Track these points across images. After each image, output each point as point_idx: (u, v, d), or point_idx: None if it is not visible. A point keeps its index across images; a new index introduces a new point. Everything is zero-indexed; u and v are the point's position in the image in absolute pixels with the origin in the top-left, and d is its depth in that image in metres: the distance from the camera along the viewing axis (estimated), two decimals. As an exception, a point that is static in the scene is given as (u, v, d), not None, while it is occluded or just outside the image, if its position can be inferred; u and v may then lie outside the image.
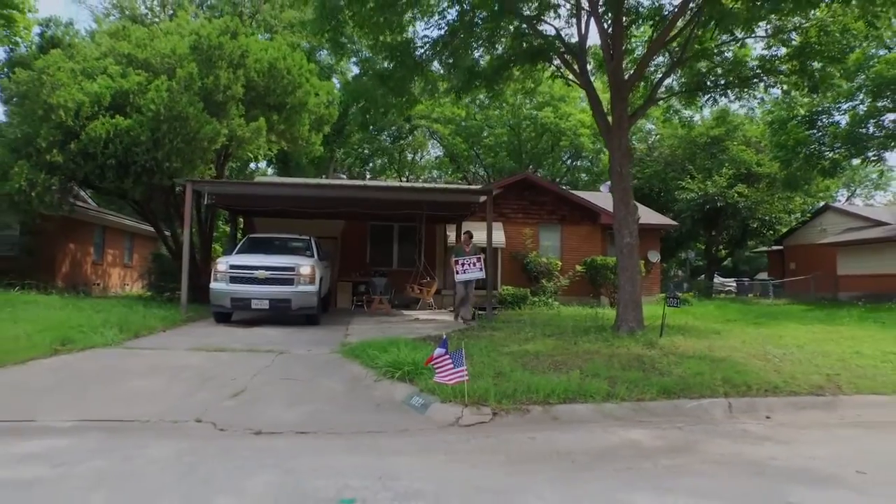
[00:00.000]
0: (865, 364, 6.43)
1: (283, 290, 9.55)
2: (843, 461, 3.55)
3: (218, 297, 9.64)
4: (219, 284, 9.68)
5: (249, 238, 11.84)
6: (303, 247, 11.47)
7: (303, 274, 9.68)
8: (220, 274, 9.74)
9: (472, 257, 10.17)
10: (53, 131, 10.54)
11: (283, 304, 9.58)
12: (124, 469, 3.15)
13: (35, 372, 5.43)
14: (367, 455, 3.58)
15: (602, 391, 4.95)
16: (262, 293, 9.49)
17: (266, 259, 9.99)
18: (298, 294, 9.58)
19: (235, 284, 9.59)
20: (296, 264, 9.78)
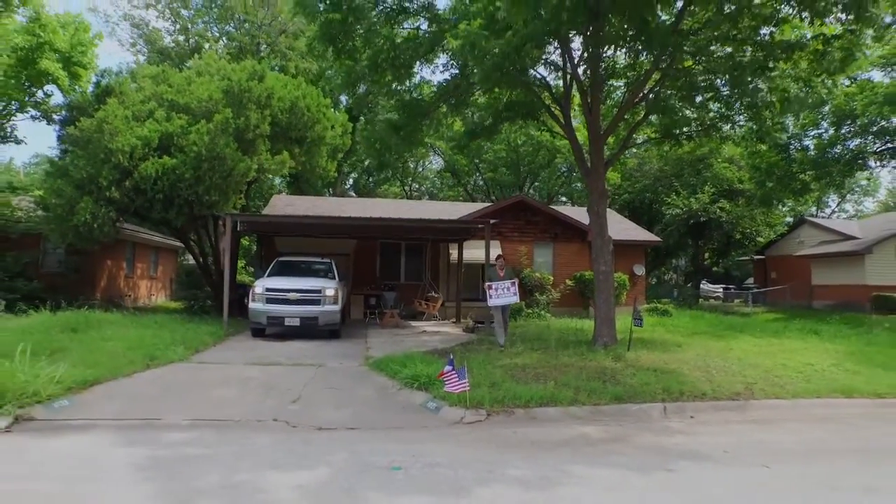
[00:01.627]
0: (783, 374, 8.11)
1: (311, 309, 11.21)
2: (720, 446, 5.24)
3: (256, 315, 11.23)
4: (257, 304, 11.25)
5: (279, 261, 13.39)
6: (325, 269, 13.19)
7: (328, 295, 11.33)
8: (257, 295, 11.30)
9: (506, 282, 9.69)
10: (112, 171, 12.26)
11: (311, 321, 11.19)
12: (247, 450, 4.84)
13: (141, 383, 7.11)
14: (401, 443, 5.26)
15: (568, 398, 6.64)
16: (294, 312, 11.16)
17: (296, 282, 11.58)
18: (325, 312, 11.22)
19: (271, 305, 11.20)
20: (322, 287, 11.40)
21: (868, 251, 20.58)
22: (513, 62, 6.78)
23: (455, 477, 4.26)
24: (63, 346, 8.16)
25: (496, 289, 9.60)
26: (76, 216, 12.04)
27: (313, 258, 13.83)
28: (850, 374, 8.24)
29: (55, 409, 5.87)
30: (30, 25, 11.28)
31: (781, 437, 5.70)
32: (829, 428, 6.12)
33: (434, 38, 9.34)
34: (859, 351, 10.00)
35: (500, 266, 10.22)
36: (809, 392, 7.31)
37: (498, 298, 9.59)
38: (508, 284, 9.55)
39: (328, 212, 21.61)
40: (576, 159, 10.62)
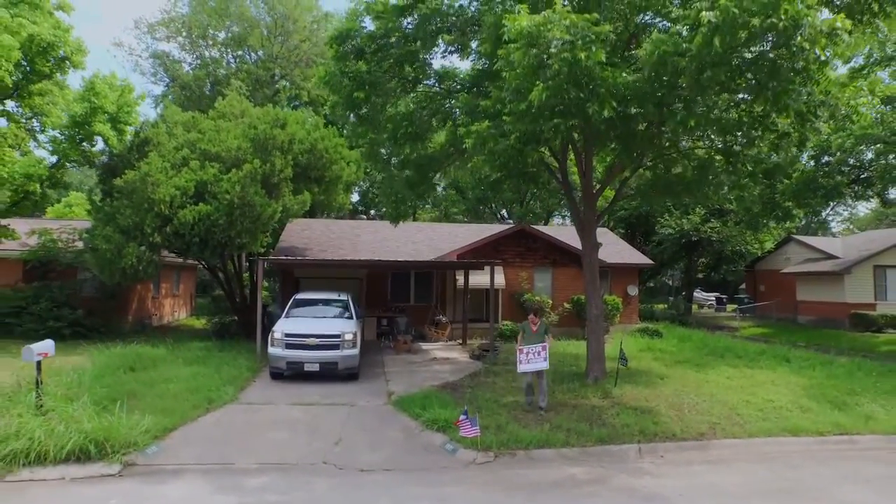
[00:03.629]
0: (744, 413, 9.54)
1: (331, 354, 11.37)
2: (678, 489, 6.66)
3: (275, 361, 11.37)
4: (276, 350, 11.37)
5: (296, 299, 13.62)
6: (342, 307, 13.45)
7: (347, 339, 11.52)
8: (276, 340, 11.41)
9: (537, 346, 9.05)
10: (155, 219, 13.70)
11: (330, 366, 11.36)
12: (313, 496, 6.27)
13: (207, 427, 8.54)
14: (428, 486, 6.68)
15: (561, 440, 8.07)
16: (313, 358, 11.31)
17: (314, 325, 11.80)
18: (344, 357, 11.43)
19: (290, 350, 11.30)
20: (341, 331, 11.55)
21: (847, 271, 22.00)
22: (516, 161, 8.15)
23: (474, 520, 5.71)
24: (133, 391, 9.60)
25: (527, 353, 9.03)
26: (124, 259, 13.48)
27: (330, 295, 14.05)
28: (802, 411, 9.67)
29: (149, 455, 7.30)
30: (85, 94, 12.70)
31: (729, 478, 7.12)
32: (772, 467, 7.54)
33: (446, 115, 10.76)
34: (818, 385, 11.41)
35: (532, 321, 9.62)
36: (763, 431, 8.73)
37: (528, 364, 9.03)
38: (539, 349, 8.96)
39: (342, 235, 23.11)
40: (571, 215, 12.01)
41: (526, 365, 9.16)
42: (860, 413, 9.48)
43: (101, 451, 6.95)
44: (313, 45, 25.67)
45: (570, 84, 6.91)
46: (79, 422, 7.08)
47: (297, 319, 12.34)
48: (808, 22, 5.63)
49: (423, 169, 12.34)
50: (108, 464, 6.86)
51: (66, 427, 6.90)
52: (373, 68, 10.58)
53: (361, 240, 22.89)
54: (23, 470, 6.50)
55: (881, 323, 21.03)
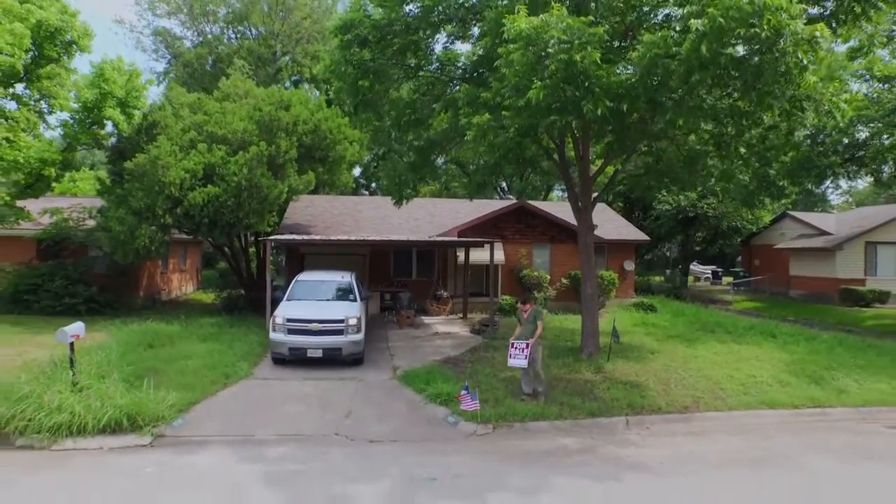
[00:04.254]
0: (727, 387, 10.19)
1: (334, 339, 10.97)
2: (660, 458, 7.32)
3: (277, 346, 11.00)
4: (278, 335, 10.97)
5: (297, 281, 13.17)
6: (346, 289, 12.92)
7: (351, 325, 11.10)
8: (278, 325, 11.00)
9: (522, 342, 9.10)
10: (166, 201, 14.16)
11: (334, 352, 10.97)
12: (329, 465, 6.92)
13: (226, 401, 9.19)
14: (433, 455, 7.34)
15: (554, 413, 8.72)
16: (317, 343, 10.89)
17: (318, 310, 11.39)
18: (348, 343, 11.04)
19: (293, 336, 10.89)
20: (345, 316, 11.12)
21: (839, 248, 22.52)
22: (515, 152, 8.58)
23: (474, 486, 6.35)
24: (155, 367, 10.23)
25: (516, 348, 9.09)
26: (137, 240, 14.00)
27: (333, 276, 13.48)
28: (781, 385, 10.33)
29: (175, 427, 7.96)
30: (95, 80, 12.99)
31: (708, 448, 7.78)
32: (748, 438, 8.20)
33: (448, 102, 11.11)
34: (800, 360, 12.05)
35: (523, 309, 9.78)
36: (743, 405, 9.39)
37: (513, 359, 9.10)
38: (523, 346, 9.01)
39: (344, 211, 23.56)
40: (569, 198, 12.45)
41: (512, 360, 9.13)
42: (834, 387, 10.13)
43: (133, 423, 7.60)
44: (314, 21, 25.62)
45: (566, 83, 7.31)
46: (112, 397, 7.71)
47: (299, 303, 11.98)
48: (790, 31, 6.02)
49: (424, 152, 12.74)
50: (139, 435, 7.51)
51: (101, 402, 7.53)
52: (376, 56, 10.90)
53: (363, 216, 23.35)
54: (66, 440, 7.16)
55: (869, 298, 21.67)
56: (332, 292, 12.80)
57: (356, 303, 12.28)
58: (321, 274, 13.87)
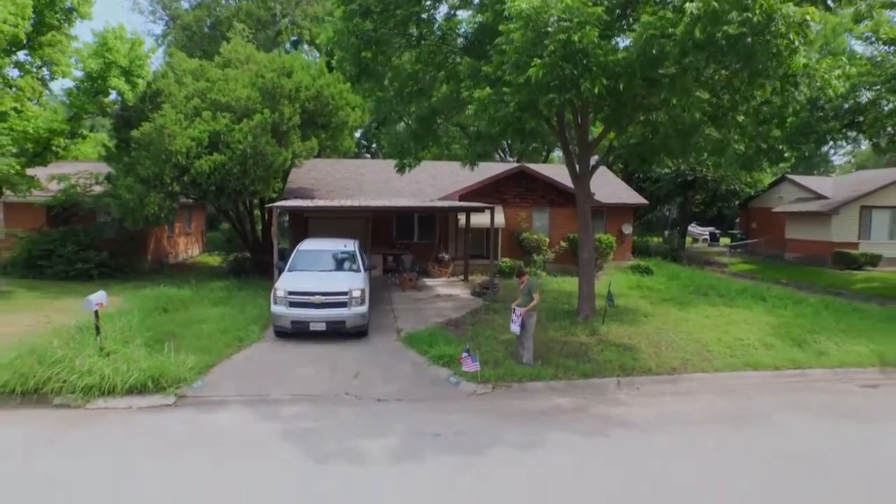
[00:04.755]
0: (715, 349, 10.75)
1: (338, 312, 10.71)
2: (647, 416, 7.91)
3: (279, 320, 10.76)
4: (279, 308, 10.73)
5: (299, 251, 12.82)
6: (349, 258, 12.63)
7: (354, 297, 10.87)
8: (279, 298, 10.73)
9: (518, 310, 9.50)
10: (173, 169, 14.44)
11: (338, 325, 10.74)
12: (341, 422, 7.51)
13: (241, 363, 9.76)
14: (436, 413, 7.92)
15: (550, 374, 9.30)
16: (320, 316, 10.64)
17: (320, 281, 11.12)
18: (352, 315, 10.79)
19: (295, 308, 10.65)
20: (348, 288, 10.88)
21: (835, 212, 22.83)
22: (515, 125, 8.85)
23: (474, 441, 6.94)
24: (172, 331, 10.78)
25: (515, 311, 9.56)
26: (146, 208, 14.37)
27: (336, 245, 13.19)
28: (766, 348, 10.88)
29: (196, 388, 8.53)
30: (99, 49, 13.05)
31: (693, 407, 8.37)
32: (730, 398, 8.78)
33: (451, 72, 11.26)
34: (786, 324, 12.58)
35: (520, 281, 10.04)
36: (728, 367, 9.96)
37: (512, 324, 9.67)
38: (520, 312, 9.44)
39: (347, 175, 23.79)
40: (567, 166, 12.73)
41: (511, 324, 9.69)
42: (815, 349, 10.68)
43: (158, 385, 8.18)
44: (313, -18, 25.33)
45: (564, 61, 7.54)
46: (137, 361, 8.26)
47: (302, 274, 11.69)
48: (781, 14, 6.21)
49: (426, 121, 12.95)
50: (164, 396, 8.09)
51: (127, 366, 8.08)
52: (378, 27, 10.99)
53: (366, 179, 23.59)
54: (97, 400, 7.74)
55: (861, 261, 22.12)
56: (335, 262, 12.52)
57: (360, 273, 12.04)
58: (323, 243, 13.53)
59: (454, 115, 13.01)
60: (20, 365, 7.73)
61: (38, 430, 6.85)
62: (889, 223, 23.17)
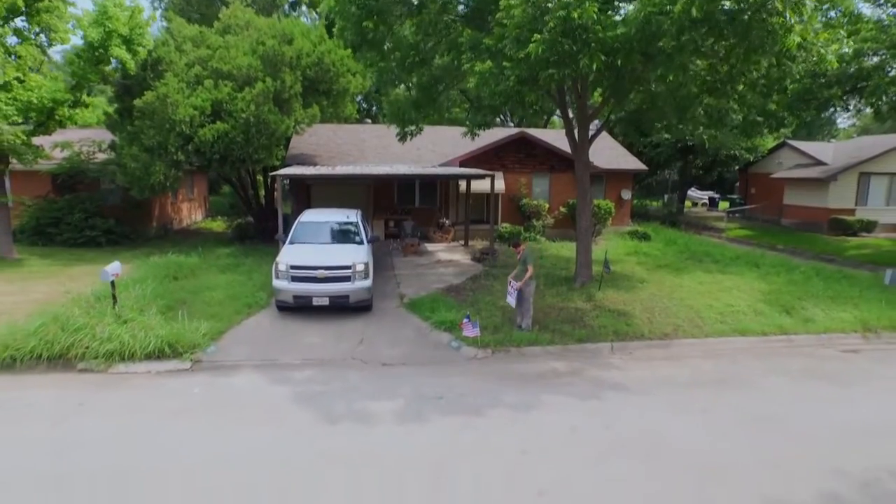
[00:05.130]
0: (706, 315, 11.17)
1: (341, 287, 10.50)
2: (638, 379, 8.37)
3: (281, 294, 10.55)
4: (281, 283, 10.50)
5: (300, 223, 12.44)
6: (352, 230, 12.33)
7: (358, 270, 10.64)
8: (281, 273, 10.49)
9: (515, 283, 9.94)
10: (177, 138, 14.59)
11: (341, 300, 10.52)
12: (349, 385, 7.98)
13: (250, 329, 10.18)
14: (439, 377, 8.39)
15: (547, 339, 9.74)
16: (323, 291, 10.41)
17: (323, 255, 10.87)
18: (356, 290, 10.59)
19: (297, 283, 10.41)
20: (352, 261, 10.62)
21: (833, 178, 22.97)
22: (515, 98, 9.00)
23: (475, 403, 7.41)
24: (183, 299, 11.19)
25: (511, 286, 10.03)
26: (152, 177, 14.60)
27: (338, 217, 12.87)
28: (755, 314, 11.29)
29: (209, 353, 8.98)
30: (99, 17, 12.98)
31: (681, 371, 8.83)
32: (717, 362, 9.24)
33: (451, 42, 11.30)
34: (776, 290, 12.98)
35: (517, 252, 10.51)
36: (718, 332, 10.40)
37: (508, 296, 10.26)
38: (513, 287, 9.94)
39: (348, 140, 23.85)
40: (567, 135, 12.90)
41: (507, 297, 10.29)
42: (803, 316, 11.10)
43: (174, 350, 8.63)
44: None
45: (564, 37, 7.67)
46: (153, 328, 8.69)
47: (303, 247, 11.43)
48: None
49: (428, 90, 13.03)
50: (180, 361, 8.55)
51: (144, 333, 8.51)
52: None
53: (367, 145, 23.66)
54: (118, 365, 8.20)
55: (856, 227, 22.41)
56: (338, 234, 12.24)
57: (363, 245, 11.75)
58: (325, 214, 13.19)
59: (455, 84, 13.06)
60: (45, 332, 8.15)
61: (67, 393, 7.32)
62: (887, 189, 23.34)
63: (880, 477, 5.55)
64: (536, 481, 5.43)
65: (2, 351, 7.92)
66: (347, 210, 13.57)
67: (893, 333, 10.50)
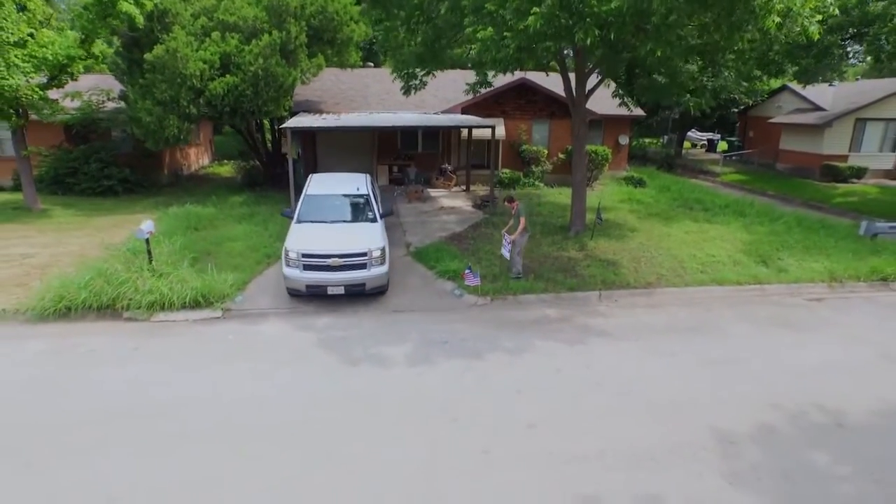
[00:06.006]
0: (689, 266, 12.13)
1: (357, 275, 9.73)
2: (621, 326, 9.43)
3: (293, 283, 9.74)
4: (293, 271, 9.70)
5: (307, 197, 11.53)
6: (364, 204, 11.49)
7: (375, 256, 9.86)
8: (292, 261, 9.69)
9: (508, 237, 10.89)
10: (188, 92, 15.07)
11: (357, 288, 9.80)
12: (364, 332, 9.01)
13: (270, 279, 11.08)
14: (443, 323, 9.44)
15: (540, 288, 10.75)
16: (338, 280, 9.65)
17: (335, 239, 10.08)
18: (373, 277, 9.83)
19: (309, 272, 9.65)
20: (368, 248, 9.82)
21: (828, 125, 23.32)
22: (515, 64, 9.53)
23: (475, 347, 8.50)
24: (208, 250, 12.14)
25: (505, 239, 11.07)
26: (166, 130, 15.20)
27: (348, 188, 11.98)
28: (734, 264, 12.24)
29: (237, 303, 10.02)
30: (106, -28, 13.15)
31: (660, 318, 9.87)
32: (693, 310, 10.28)
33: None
34: (757, 241, 13.86)
35: (511, 207, 11.35)
36: (697, 282, 11.38)
37: (503, 248, 11.22)
38: (510, 239, 10.90)
39: (351, 86, 24.07)
40: (565, 91, 13.40)
41: (502, 248, 11.36)
42: (778, 266, 12.06)
43: (206, 300, 9.65)
44: None
45: (561, 11, 8.18)
46: (187, 281, 9.68)
47: (313, 228, 10.60)
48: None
49: (431, 46, 13.41)
50: (212, 310, 9.59)
51: (181, 285, 9.51)
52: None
53: (371, 90, 23.89)
54: (159, 314, 9.25)
55: (847, 174, 22.99)
56: (349, 210, 11.36)
57: (377, 224, 10.92)
58: (333, 182, 12.36)
59: (458, 43, 13.41)
60: (93, 285, 9.16)
61: (120, 340, 8.41)
62: (881, 135, 23.73)
63: (808, 410, 6.68)
64: (527, 415, 6.57)
65: (58, 301, 8.94)
66: (356, 176, 12.90)
67: (857, 283, 11.50)
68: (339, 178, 12.92)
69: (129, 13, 13.64)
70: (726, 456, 5.78)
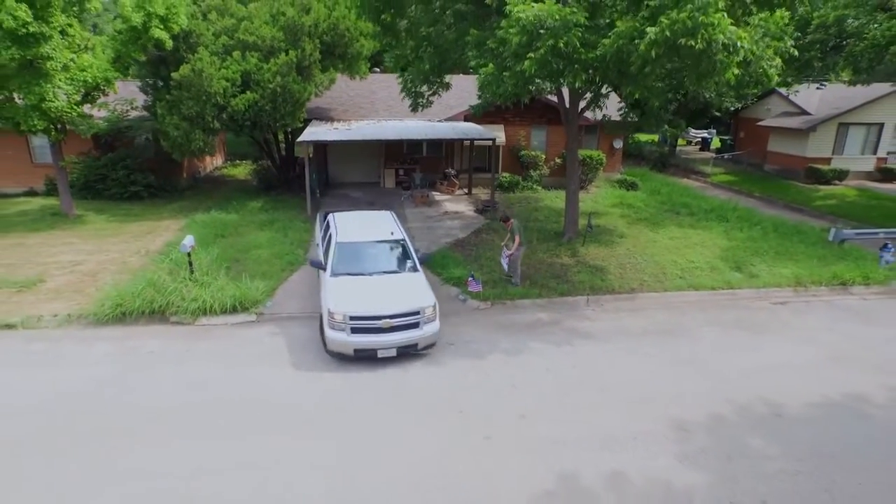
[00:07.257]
0: (670, 272, 13.46)
1: (410, 335, 9.05)
2: (604, 329, 10.77)
3: (339, 347, 8.97)
4: (338, 335, 8.91)
5: (339, 245, 10.65)
6: (401, 250, 10.84)
7: (428, 315, 9.23)
8: (337, 324, 8.91)
9: (506, 251, 12.46)
10: (213, 109, 16.34)
11: (409, 349, 9.12)
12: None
13: (294, 285, 12.43)
14: (450, 325, 10.72)
15: (535, 294, 12.09)
16: (389, 342, 8.93)
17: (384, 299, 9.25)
18: (426, 336, 9.21)
19: (358, 336, 8.89)
20: (420, 307, 9.15)
21: (813, 129, 24.52)
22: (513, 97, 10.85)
23: (478, 348, 9.86)
24: (236, 258, 13.48)
25: (505, 248, 12.67)
26: (192, 143, 16.49)
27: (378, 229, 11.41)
28: (711, 270, 13.56)
29: (268, 307, 11.37)
30: (140, 2, 14.33)
31: (639, 322, 11.22)
32: (668, 315, 11.61)
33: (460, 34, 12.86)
34: (735, 247, 15.18)
35: (506, 226, 12.72)
36: (675, 287, 12.70)
37: (502, 259, 12.77)
38: (507, 253, 12.43)
39: (360, 93, 25.32)
40: (559, 108, 14.67)
41: (501, 260, 12.83)
42: (750, 272, 13.38)
43: (242, 306, 11.01)
44: None
45: (553, 57, 9.45)
46: (225, 289, 11.04)
47: (354, 283, 9.74)
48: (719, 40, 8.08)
49: (438, 68, 14.66)
50: (248, 315, 10.95)
51: (221, 293, 10.87)
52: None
53: (378, 97, 25.12)
54: (202, 318, 10.62)
55: (829, 176, 24.22)
56: (387, 260, 10.59)
57: (420, 274, 10.27)
58: (361, 225, 11.65)
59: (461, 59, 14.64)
60: (145, 294, 10.53)
61: (173, 342, 9.79)
62: (863, 139, 24.94)
63: (754, 403, 8.07)
64: (519, 407, 7.95)
65: (116, 308, 10.32)
66: (382, 215, 12.47)
67: (819, 287, 12.83)
68: (365, 218, 12.34)
69: (161, 39, 14.86)
70: (679, 441, 7.18)
